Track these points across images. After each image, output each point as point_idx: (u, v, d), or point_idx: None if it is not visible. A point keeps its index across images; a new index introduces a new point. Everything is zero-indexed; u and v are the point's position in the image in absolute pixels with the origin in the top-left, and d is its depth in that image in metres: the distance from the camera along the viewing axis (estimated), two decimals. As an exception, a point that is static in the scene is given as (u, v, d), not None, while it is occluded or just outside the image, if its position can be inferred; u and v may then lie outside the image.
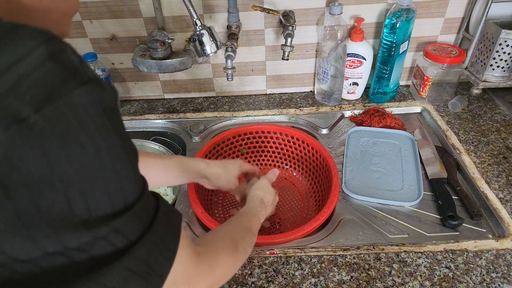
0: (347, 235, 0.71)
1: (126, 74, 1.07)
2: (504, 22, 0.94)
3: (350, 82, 1.03)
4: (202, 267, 0.41)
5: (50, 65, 0.25)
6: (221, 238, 0.51)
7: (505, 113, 0.98)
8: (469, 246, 0.68)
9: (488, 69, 0.96)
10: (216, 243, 0.49)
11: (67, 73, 0.26)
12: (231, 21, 0.94)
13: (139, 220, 0.31)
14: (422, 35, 1.02)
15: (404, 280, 0.63)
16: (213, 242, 0.49)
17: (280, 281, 0.64)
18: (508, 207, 0.74)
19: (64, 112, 0.25)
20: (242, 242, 0.53)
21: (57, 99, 0.25)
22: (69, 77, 0.26)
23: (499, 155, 0.86)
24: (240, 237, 0.54)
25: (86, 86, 0.27)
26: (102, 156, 0.28)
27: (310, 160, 0.89)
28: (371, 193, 0.80)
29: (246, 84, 1.10)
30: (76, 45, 0.99)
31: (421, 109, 1.03)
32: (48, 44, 0.26)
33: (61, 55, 0.26)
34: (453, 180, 0.81)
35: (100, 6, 0.94)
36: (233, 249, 0.50)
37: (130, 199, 0.30)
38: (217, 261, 0.45)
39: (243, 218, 0.61)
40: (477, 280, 0.62)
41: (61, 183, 0.25)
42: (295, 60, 1.05)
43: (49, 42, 0.26)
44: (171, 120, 1.03)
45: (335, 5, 0.89)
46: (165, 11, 0.95)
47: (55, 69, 0.25)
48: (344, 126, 0.99)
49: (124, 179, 0.30)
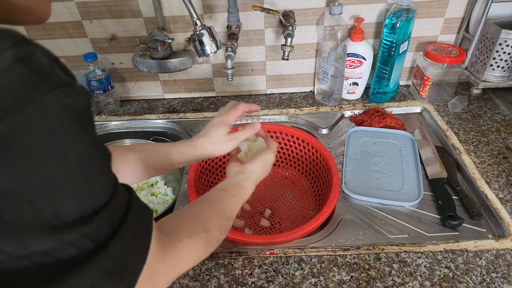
0: (347, 235, 0.71)
1: (126, 74, 1.07)
2: (504, 22, 0.94)
3: (350, 82, 1.03)
4: (166, 262, 0.40)
5: (17, 70, 0.24)
6: (190, 224, 0.47)
7: (505, 113, 0.98)
8: (469, 246, 0.68)
9: (488, 69, 0.96)
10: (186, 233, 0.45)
11: (36, 78, 0.25)
12: (231, 21, 0.94)
13: (108, 223, 0.30)
14: (422, 35, 1.02)
15: (404, 280, 0.63)
16: (180, 229, 0.45)
17: (280, 281, 0.64)
18: (508, 207, 0.74)
19: (32, 120, 0.24)
20: (213, 231, 0.49)
21: (24, 106, 0.24)
22: (38, 82, 0.25)
23: (499, 155, 0.86)
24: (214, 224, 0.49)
25: (57, 91, 0.25)
26: (72, 165, 0.27)
27: (310, 160, 0.89)
28: (371, 193, 0.80)
29: (246, 84, 1.10)
30: (76, 45, 1.00)
31: (421, 109, 1.03)
32: (16, 47, 0.24)
33: (30, 59, 0.25)
34: (453, 180, 0.81)
35: (100, 6, 0.94)
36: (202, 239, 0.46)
37: (100, 202, 0.30)
38: (182, 255, 0.43)
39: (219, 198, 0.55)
40: (477, 280, 0.62)
41: (26, 193, 0.25)
42: (295, 60, 1.05)
43: (17, 45, 0.24)
44: (171, 120, 1.03)
45: (335, 5, 0.89)
46: (165, 11, 0.95)
47: (22, 73, 0.24)
48: (344, 126, 0.99)
49: (95, 184, 0.29)
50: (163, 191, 0.97)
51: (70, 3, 0.93)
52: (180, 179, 0.91)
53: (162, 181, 1.01)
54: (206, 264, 0.67)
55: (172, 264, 0.41)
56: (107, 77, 1.01)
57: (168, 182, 1.01)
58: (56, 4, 0.93)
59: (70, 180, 0.27)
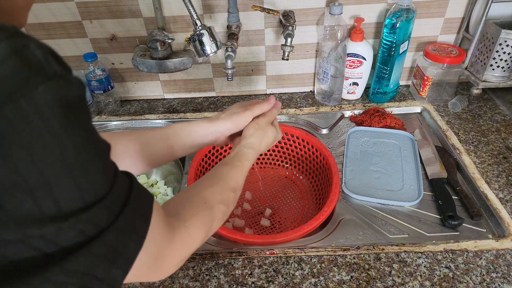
0: (347, 235, 0.71)
1: (126, 74, 1.07)
2: (504, 22, 0.94)
3: (350, 82, 1.03)
4: (175, 243, 0.41)
5: (11, 63, 0.24)
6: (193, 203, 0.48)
7: (505, 113, 0.98)
8: (469, 246, 0.68)
9: (488, 69, 0.96)
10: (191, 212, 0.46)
11: (30, 70, 0.25)
12: (231, 21, 0.94)
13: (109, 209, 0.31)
14: (422, 35, 1.02)
15: (404, 280, 0.63)
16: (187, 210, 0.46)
17: (280, 281, 0.64)
18: (508, 207, 0.74)
19: (26, 111, 0.24)
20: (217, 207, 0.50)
21: (19, 98, 0.24)
22: (33, 74, 0.25)
23: (499, 155, 0.86)
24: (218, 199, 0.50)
25: (51, 82, 0.26)
26: (70, 156, 0.27)
27: (310, 159, 0.89)
28: (371, 193, 0.80)
29: (246, 84, 1.10)
30: (76, 45, 1.00)
31: (421, 109, 1.03)
32: (10, 40, 0.25)
33: (24, 51, 0.25)
34: (453, 180, 0.81)
35: (100, 6, 0.94)
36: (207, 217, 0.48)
37: (101, 192, 0.30)
38: (191, 235, 0.44)
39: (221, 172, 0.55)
40: (477, 280, 0.62)
41: (25, 184, 0.25)
42: (295, 60, 1.05)
43: (11, 38, 0.25)
44: (171, 120, 1.03)
45: (335, 5, 0.89)
46: (165, 11, 0.95)
47: (17, 66, 0.24)
48: (344, 126, 0.99)
49: (95, 173, 0.30)
50: (163, 191, 0.97)
51: (70, 3, 0.93)
52: (180, 179, 0.91)
53: (162, 181, 1.01)
54: (206, 264, 0.67)
55: (181, 245, 0.42)
56: (107, 77, 1.01)
57: (168, 182, 1.01)
58: (56, 4, 0.93)
59: (69, 170, 0.27)
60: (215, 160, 0.90)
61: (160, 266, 0.40)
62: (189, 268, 0.66)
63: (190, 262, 0.67)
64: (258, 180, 0.94)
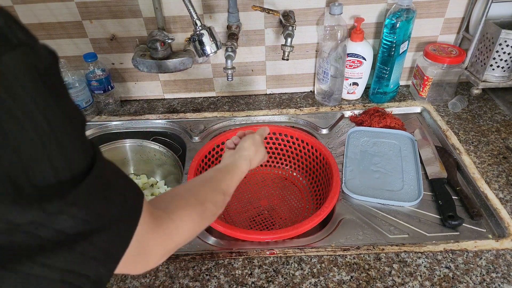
0: (347, 235, 0.71)
1: (126, 74, 1.07)
2: (504, 22, 0.94)
3: (350, 82, 1.03)
4: (159, 233, 0.39)
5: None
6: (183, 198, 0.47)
7: (505, 113, 0.98)
8: (469, 246, 0.68)
9: (488, 69, 0.96)
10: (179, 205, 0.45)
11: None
12: (231, 21, 0.94)
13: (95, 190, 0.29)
14: (422, 35, 1.02)
15: (404, 280, 0.63)
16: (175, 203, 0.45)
17: (280, 281, 0.64)
18: (508, 207, 0.74)
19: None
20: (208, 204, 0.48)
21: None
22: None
23: (499, 155, 0.86)
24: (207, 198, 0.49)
25: (15, 52, 0.24)
26: (41, 129, 0.25)
27: (310, 160, 0.90)
28: (371, 193, 0.80)
29: (246, 84, 1.10)
30: (76, 45, 1.00)
31: (421, 109, 1.03)
32: None
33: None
34: (453, 180, 0.81)
35: (100, 6, 0.94)
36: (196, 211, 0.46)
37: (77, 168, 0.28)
38: (176, 227, 0.42)
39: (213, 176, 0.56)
40: (477, 280, 0.62)
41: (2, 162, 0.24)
42: (295, 60, 1.05)
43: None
44: (171, 120, 1.03)
45: (335, 5, 0.89)
46: (165, 11, 0.95)
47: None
48: (344, 126, 0.99)
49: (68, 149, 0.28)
50: (163, 191, 0.97)
51: (70, 3, 0.93)
52: (180, 179, 0.91)
53: (162, 181, 1.01)
54: (206, 264, 0.67)
55: (165, 236, 0.40)
56: (107, 77, 1.01)
57: (168, 182, 1.01)
58: (56, 4, 0.93)
59: (42, 144, 0.25)
60: (215, 162, 0.90)
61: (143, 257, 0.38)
62: (189, 268, 0.66)
63: (190, 262, 0.67)
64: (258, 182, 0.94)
